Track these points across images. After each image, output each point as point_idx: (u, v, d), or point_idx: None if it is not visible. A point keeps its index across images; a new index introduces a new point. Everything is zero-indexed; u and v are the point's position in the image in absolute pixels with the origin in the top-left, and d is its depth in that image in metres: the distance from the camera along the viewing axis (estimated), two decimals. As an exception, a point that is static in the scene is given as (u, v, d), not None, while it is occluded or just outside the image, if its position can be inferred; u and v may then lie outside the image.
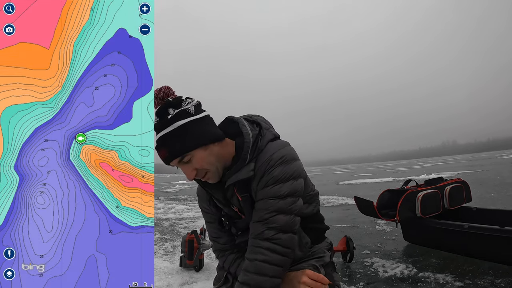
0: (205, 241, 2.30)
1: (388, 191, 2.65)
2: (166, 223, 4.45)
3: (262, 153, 0.88)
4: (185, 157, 0.84)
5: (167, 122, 0.83)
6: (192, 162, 0.84)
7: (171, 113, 0.83)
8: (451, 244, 2.25)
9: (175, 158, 0.84)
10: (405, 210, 2.25)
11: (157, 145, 0.85)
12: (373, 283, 1.93)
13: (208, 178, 0.88)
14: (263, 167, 0.86)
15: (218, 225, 1.03)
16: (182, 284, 2.05)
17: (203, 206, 1.05)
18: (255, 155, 0.88)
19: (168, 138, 0.83)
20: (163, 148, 0.84)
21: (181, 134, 0.83)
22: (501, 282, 1.73)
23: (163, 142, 0.84)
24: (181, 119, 0.83)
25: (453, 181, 2.58)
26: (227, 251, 1.03)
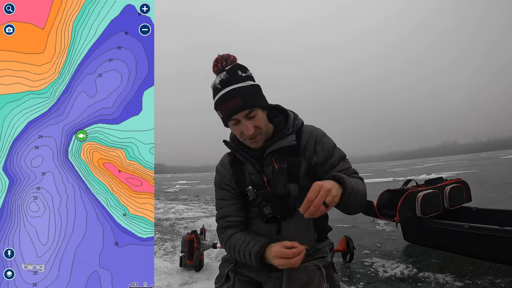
0: (205, 241, 2.30)
1: (388, 191, 2.65)
2: (166, 223, 4.45)
3: (303, 129, 1.00)
4: (253, 111, 0.90)
5: (241, 78, 0.90)
6: (255, 118, 0.91)
7: (241, 74, 0.91)
8: (451, 244, 2.25)
9: (247, 109, 0.89)
10: (405, 210, 2.25)
11: (229, 94, 0.89)
12: (373, 283, 1.93)
13: (257, 140, 0.94)
14: (312, 137, 0.97)
15: (232, 203, 1.03)
16: (182, 284, 2.05)
17: (223, 183, 1.05)
18: (294, 130, 0.98)
19: (243, 91, 0.89)
20: (237, 97, 0.88)
21: (253, 91, 0.91)
22: (501, 282, 1.73)
23: (238, 92, 0.89)
24: (250, 80, 0.92)
25: (453, 181, 2.58)
26: (230, 228, 1.02)
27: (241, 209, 1.02)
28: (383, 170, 20.26)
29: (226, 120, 0.92)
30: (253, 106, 0.89)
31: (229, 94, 0.89)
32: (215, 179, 1.08)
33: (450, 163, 23.87)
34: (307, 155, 0.97)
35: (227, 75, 0.91)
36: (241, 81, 0.90)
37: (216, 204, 1.08)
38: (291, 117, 1.00)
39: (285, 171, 0.95)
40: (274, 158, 0.96)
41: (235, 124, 0.92)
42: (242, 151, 1.00)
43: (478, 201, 3.07)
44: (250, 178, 0.99)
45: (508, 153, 29.10)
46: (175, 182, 19.61)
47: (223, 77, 0.91)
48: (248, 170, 1.00)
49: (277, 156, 0.96)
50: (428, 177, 7.15)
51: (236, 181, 1.02)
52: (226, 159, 1.05)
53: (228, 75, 0.91)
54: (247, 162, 0.99)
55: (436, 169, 14.48)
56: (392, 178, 11.02)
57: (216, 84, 0.92)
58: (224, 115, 0.91)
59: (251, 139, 0.93)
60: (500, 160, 18.33)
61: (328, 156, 0.96)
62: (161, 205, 6.75)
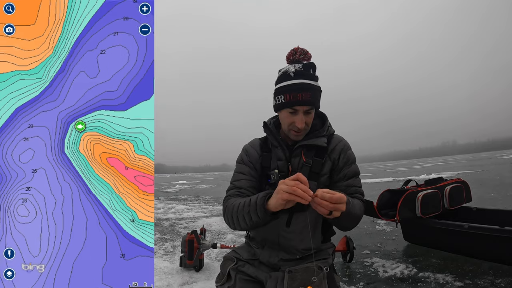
0: (205, 241, 2.30)
1: (388, 191, 2.65)
2: (166, 223, 4.45)
3: (334, 136, 1.07)
4: (312, 109, 0.98)
5: (315, 77, 0.98)
6: (310, 116, 0.99)
7: (314, 73, 0.98)
8: (451, 244, 2.24)
9: (312, 105, 0.97)
10: (405, 210, 2.25)
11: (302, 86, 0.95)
12: (373, 283, 1.93)
13: (301, 134, 1.01)
14: (341, 144, 1.05)
15: (249, 178, 1.06)
16: (182, 284, 2.05)
17: (247, 160, 1.08)
18: (327, 134, 1.05)
19: (314, 89, 0.97)
20: (308, 92, 0.95)
21: (319, 92, 1.00)
22: (501, 282, 1.73)
23: (310, 88, 0.96)
24: (318, 82, 0.99)
25: (453, 181, 2.58)
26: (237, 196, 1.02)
27: (255, 187, 1.05)
28: (383, 170, 20.26)
29: (284, 106, 0.98)
30: (315, 105, 0.98)
31: (302, 86, 0.96)
32: (240, 156, 1.12)
33: (450, 163, 23.87)
34: (333, 157, 1.04)
35: (302, 68, 0.97)
36: (313, 80, 0.98)
37: (233, 176, 1.10)
38: (328, 122, 1.08)
39: (310, 165, 1.00)
40: (304, 152, 1.02)
41: (291, 113, 0.98)
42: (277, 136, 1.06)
43: (478, 201, 3.06)
44: (276, 163, 1.04)
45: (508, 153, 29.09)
46: (175, 182, 19.60)
47: (298, 68, 0.97)
48: (277, 155, 1.05)
49: (306, 151, 1.02)
50: (428, 177, 7.15)
51: (261, 162, 1.07)
52: (257, 141, 1.12)
53: (303, 68, 0.97)
54: (279, 148, 1.04)
55: (436, 169, 14.47)
56: (392, 178, 11.02)
57: (290, 71, 0.97)
58: (287, 102, 0.97)
59: (297, 132, 1.00)
60: (500, 160, 18.32)
61: (346, 166, 1.03)
62: (161, 205, 6.75)
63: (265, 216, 0.86)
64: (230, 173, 1.22)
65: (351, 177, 1.04)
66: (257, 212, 0.86)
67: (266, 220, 0.87)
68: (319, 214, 0.92)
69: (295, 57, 1.00)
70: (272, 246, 1.01)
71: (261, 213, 0.85)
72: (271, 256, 1.01)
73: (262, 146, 1.09)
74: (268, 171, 1.04)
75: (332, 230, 1.10)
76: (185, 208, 6.01)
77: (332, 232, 1.10)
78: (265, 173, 1.05)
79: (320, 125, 1.07)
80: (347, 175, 1.03)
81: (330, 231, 1.08)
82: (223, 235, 3.51)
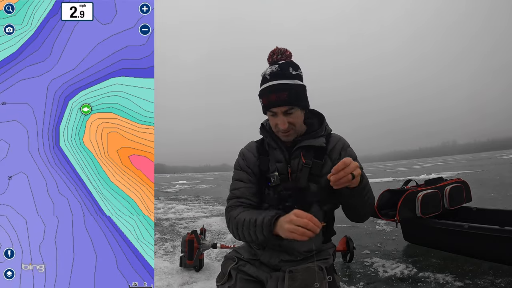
0: (205, 241, 2.30)
1: (388, 191, 2.65)
2: (166, 223, 4.45)
3: (332, 135, 1.05)
4: (293, 109, 0.94)
5: (291, 75, 0.94)
6: (292, 116, 0.96)
7: (292, 72, 0.95)
8: (451, 244, 2.24)
9: (289, 105, 0.93)
10: (405, 210, 2.25)
11: (276, 87, 0.93)
12: (373, 283, 1.93)
13: (289, 134, 0.99)
14: (340, 143, 1.03)
15: (248, 185, 1.04)
16: (182, 284, 2.05)
17: (245, 166, 1.07)
18: (325, 134, 1.04)
19: (290, 87, 0.93)
20: (284, 92, 0.92)
21: (298, 90, 0.95)
22: (501, 282, 1.73)
23: (284, 88, 0.93)
24: (299, 80, 0.96)
25: (453, 181, 2.58)
26: (240, 207, 1.02)
27: (256, 194, 1.04)
28: (383, 170, 20.25)
29: (265, 110, 0.98)
30: (294, 104, 0.94)
31: (276, 87, 0.94)
32: (237, 161, 1.11)
33: (450, 163, 23.86)
34: (333, 157, 1.02)
35: (279, 69, 0.95)
36: (289, 78, 0.94)
37: (232, 184, 1.09)
38: (324, 121, 1.06)
39: (309, 167, 0.99)
40: (303, 153, 1.01)
41: (272, 115, 0.97)
42: (275, 137, 1.05)
43: (478, 201, 3.06)
44: (276, 165, 1.03)
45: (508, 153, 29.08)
46: (175, 182, 19.58)
47: (274, 69, 0.96)
48: (275, 157, 1.03)
49: (305, 152, 1.01)
50: (428, 177, 7.15)
51: (259, 165, 1.05)
52: (254, 144, 1.10)
53: (280, 69, 0.95)
54: (277, 149, 1.03)
55: (436, 169, 14.47)
56: (392, 178, 11.02)
57: (266, 74, 0.97)
58: (265, 105, 0.96)
59: (284, 132, 0.98)
60: (500, 160, 18.32)
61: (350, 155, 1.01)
62: (161, 205, 6.75)
63: (271, 239, 0.89)
64: (230, 173, 1.21)
65: None
66: (263, 233, 0.89)
67: (272, 241, 0.92)
68: (320, 215, 0.93)
69: (273, 59, 0.98)
70: (273, 247, 1.01)
71: (267, 235, 0.88)
72: (271, 257, 1.01)
73: (259, 148, 1.08)
74: (267, 174, 1.03)
75: (333, 230, 1.09)
76: (185, 208, 6.01)
77: (332, 232, 1.09)
78: (265, 176, 1.03)
79: (318, 125, 1.06)
80: None
81: (330, 231, 1.08)
82: (223, 235, 3.51)
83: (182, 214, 5.26)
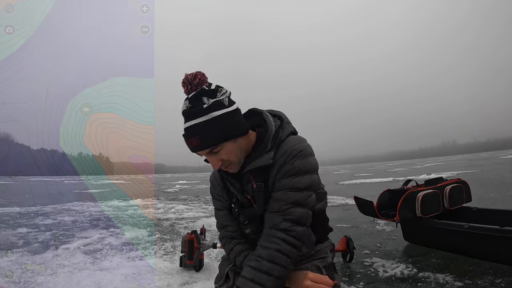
0: (205, 241, 2.30)
1: (388, 191, 2.65)
2: (166, 223, 4.45)
3: (283, 144, 0.89)
4: (216, 148, 0.84)
5: (202, 111, 0.81)
6: (221, 153, 0.85)
7: (206, 102, 0.81)
8: (451, 244, 2.24)
9: (206, 148, 0.83)
10: (405, 210, 2.25)
11: (187, 133, 0.83)
12: (373, 283, 1.93)
13: (230, 168, 0.90)
14: (284, 156, 0.87)
15: (227, 212, 1.03)
16: (182, 284, 2.05)
17: (215, 193, 1.06)
18: (275, 145, 0.90)
19: (201, 128, 0.81)
20: (195, 137, 0.82)
21: (215, 125, 0.81)
22: (501, 282, 1.73)
23: (196, 130, 0.81)
24: (215, 110, 0.81)
25: (453, 181, 2.58)
26: (234, 239, 1.03)
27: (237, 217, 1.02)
28: (383, 170, 20.25)
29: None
30: (213, 144, 0.83)
31: (187, 132, 0.83)
32: (210, 188, 1.09)
33: (450, 163, 23.87)
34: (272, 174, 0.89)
35: (190, 105, 0.83)
36: (202, 115, 0.81)
37: (215, 213, 1.09)
38: (270, 132, 0.91)
39: (263, 189, 0.90)
40: (253, 176, 0.92)
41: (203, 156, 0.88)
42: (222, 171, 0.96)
43: (478, 201, 3.06)
44: (235, 196, 0.99)
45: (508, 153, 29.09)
46: (175, 182, 19.59)
47: (185, 107, 0.83)
48: (232, 185, 0.98)
49: (255, 174, 0.91)
50: (428, 177, 7.16)
51: (226, 193, 1.02)
52: (217, 173, 1.03)
53: (190, 105, 0.82)
54: (230, 178, 0.97)
55: (436, 169, 14.47)
56: (392, 178, 11.02)
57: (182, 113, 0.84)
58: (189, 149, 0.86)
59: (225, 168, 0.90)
60: (500, 160, 18.33)
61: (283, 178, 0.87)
62: (161, 205, 6.75)
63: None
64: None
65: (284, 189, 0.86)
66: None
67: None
68: None
69: (186, 91, 0.85)
70: None
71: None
72: None
73: (222, 177, 1.02)
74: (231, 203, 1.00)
75: (327, 227, 1.07)
76: (185, 208, 6.01)
77: (327, 229, 1.07)
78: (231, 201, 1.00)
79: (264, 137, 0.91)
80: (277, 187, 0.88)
81: (324, 230, 1.05)
82: (223, 235, 3.50)
83: (182, 214, 5.26)
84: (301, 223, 0.86)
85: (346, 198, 6.34)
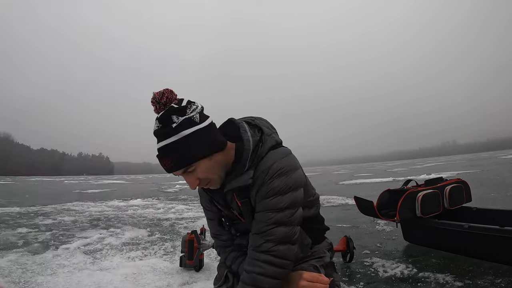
0: (205, 241, 2.30)
1: (388, 191, 2.65)
2: (166, 223, 4.45)
3: (262, 161, 0.85)
4: (190, 167, 0.80)
5: (171, 131, 0.77)
6: (196, 171, 0.82)
7: (176, 121, 0.77)
8: (451, 244, 2.24)
9: (179, 168, 0.80)
10: (405, 210, 2.25)
11: (160, 153, 0.80)
12: (373, 283, 1.93)
13: (210, 185, 0.87)
14: (262, 176, 0.83)
15: (219, 223, 1.04)
16: (182, 284, 2.05)
17: (205, 205, 1.06)
18: (254, 162, 0.85)
19: (172, 148, 0.77)
20: (167, 158, 0.79)
21: (186, 144, 0.77)
22: (501, 282, 1.73)
23: (167, 151, 0.78)
24: (186, 129, 0.77)
25: (453, 181, 2.58)
26: (228, 248, 1.04)
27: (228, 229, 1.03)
28: (383, 170, 20.25)
29: None
30: (188, 164, 0.79)
31: (160, 153, 0.80)
32: (200, 199, 1.08)
33: (450, 163, 23.87)
34: (252, 194, 0.87)
35: (159, 125, 0.79)
36: (171, 135, 0.77)
37: (207, 221, 1.10)
38: (248, 150, 0.85)
39: (249, 205, 0.88)
40: (236, 193, 0.89)
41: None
42: (207, 190, 0.94)
43: (478, 201, 3.06)
44: (222, 209, 0.98)
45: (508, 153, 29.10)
46: (175, 182, 19.59)
47: (156, 127, 0.80)
48: (219, 201, 0.97)
49: (238, 191, 0.88)
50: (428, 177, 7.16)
51: (215, 205, 1.01)
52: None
53: (160, 125, 0.79)
54: (216, 194, 0.95)
55: (436, 169, 14.47)
56: (392, 178, 11.02)
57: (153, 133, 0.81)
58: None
59: (204, 186, 0.87)
60: (500, 160, 18.33)
61: (262, 198, 0.84)
62: (161, 205, 6.75)
63: None
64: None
65: (263, 211, 0.84)
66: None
67: None
68: None
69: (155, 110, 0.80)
70: None
71: None
72: None
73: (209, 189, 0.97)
74: (221, 210, 1.00)
75: (323, 228, 1.06)
76: (185, 208, 6.01)
77: (323, 229, 1.06)
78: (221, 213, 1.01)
79: (243, 154, 0.86)
80: (258, 208, 0.85)
81: (319, 231, 1.05)
82: (223, 235, 3.50)
83: (182, 214, 5.26)
84: (284, 242, 0.83)
85: (346, 198, 6.34)
